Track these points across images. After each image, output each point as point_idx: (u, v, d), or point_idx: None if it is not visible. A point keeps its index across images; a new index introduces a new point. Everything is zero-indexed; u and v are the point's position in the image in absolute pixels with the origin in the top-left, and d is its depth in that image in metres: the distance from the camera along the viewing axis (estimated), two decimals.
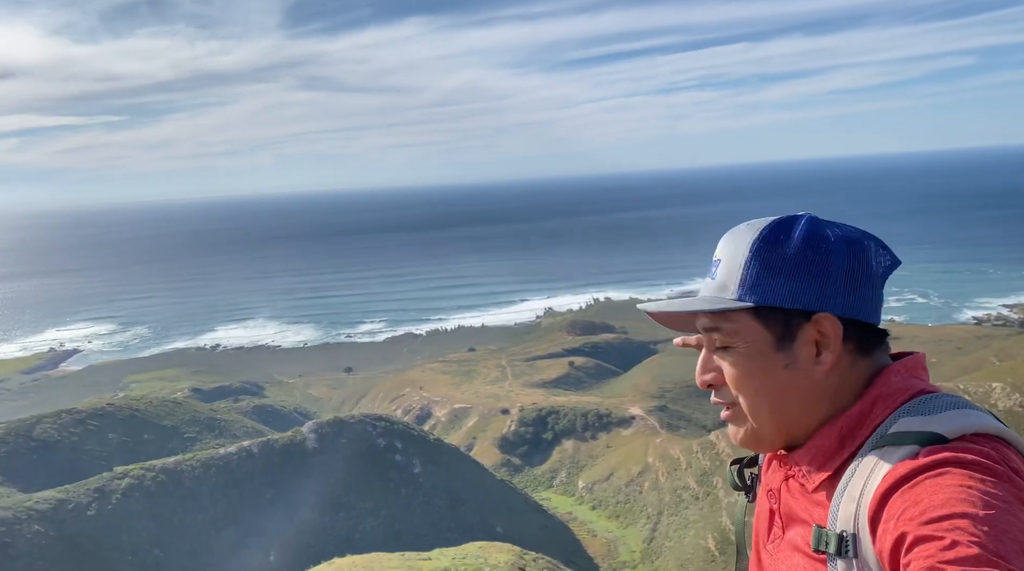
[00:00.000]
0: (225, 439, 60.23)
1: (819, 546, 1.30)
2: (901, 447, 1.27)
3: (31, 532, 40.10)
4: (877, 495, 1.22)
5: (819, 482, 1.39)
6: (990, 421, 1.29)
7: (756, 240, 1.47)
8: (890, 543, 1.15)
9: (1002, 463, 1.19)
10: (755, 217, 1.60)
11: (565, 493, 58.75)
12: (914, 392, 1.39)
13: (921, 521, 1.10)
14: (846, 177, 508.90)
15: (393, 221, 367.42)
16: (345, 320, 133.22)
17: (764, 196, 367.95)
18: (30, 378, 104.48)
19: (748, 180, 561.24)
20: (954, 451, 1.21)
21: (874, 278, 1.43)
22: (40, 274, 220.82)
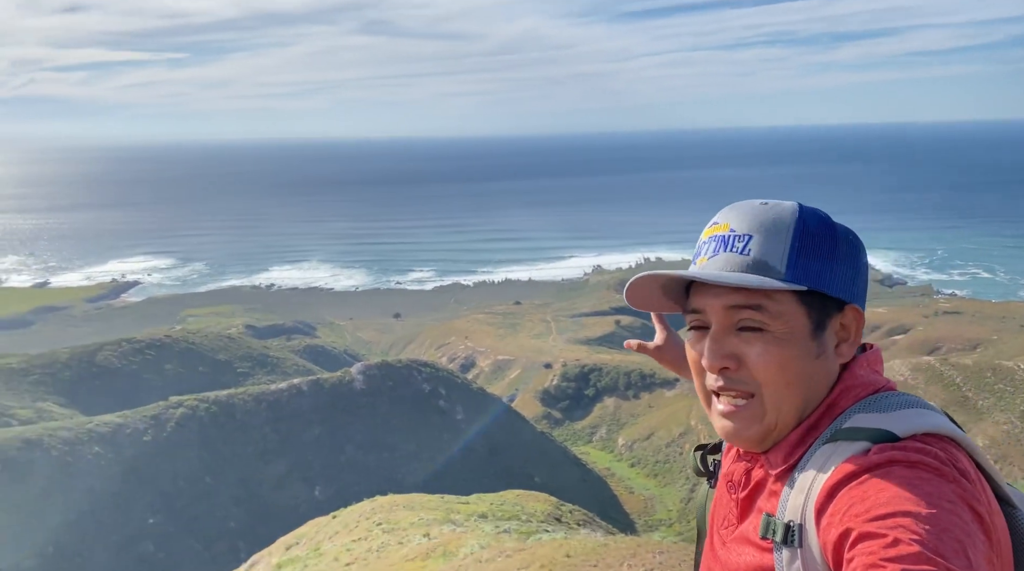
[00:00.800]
0: (276, 376, 61.99)
1: (766, 534, 1.31)
2: (854, 443, 1.27)
3: (91, 453, 42.13)
4: (825, 488, 1.23)
5: (780, 471, 1.39)
6: (942, 422, 1.30)
7: (800, 221, 1.39)
8: (834, 537, 1.17)
9: (949, 464, 1.20)
10: (818, 183, 1.52)
11: (604, 449, 59.19)
12: (876, 387, 1.39)
13: (866, 518, 1.12)
14: (918, 145, 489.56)
15: (446, 170, 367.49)
16: (395, 267, 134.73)
17: (829, 159, 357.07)
18: (93, 306, 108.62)
19: (813, 143, 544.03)
20: (903, 450, 1.22)
21: (862, 267, 1.43)
22: (103, 206, 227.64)
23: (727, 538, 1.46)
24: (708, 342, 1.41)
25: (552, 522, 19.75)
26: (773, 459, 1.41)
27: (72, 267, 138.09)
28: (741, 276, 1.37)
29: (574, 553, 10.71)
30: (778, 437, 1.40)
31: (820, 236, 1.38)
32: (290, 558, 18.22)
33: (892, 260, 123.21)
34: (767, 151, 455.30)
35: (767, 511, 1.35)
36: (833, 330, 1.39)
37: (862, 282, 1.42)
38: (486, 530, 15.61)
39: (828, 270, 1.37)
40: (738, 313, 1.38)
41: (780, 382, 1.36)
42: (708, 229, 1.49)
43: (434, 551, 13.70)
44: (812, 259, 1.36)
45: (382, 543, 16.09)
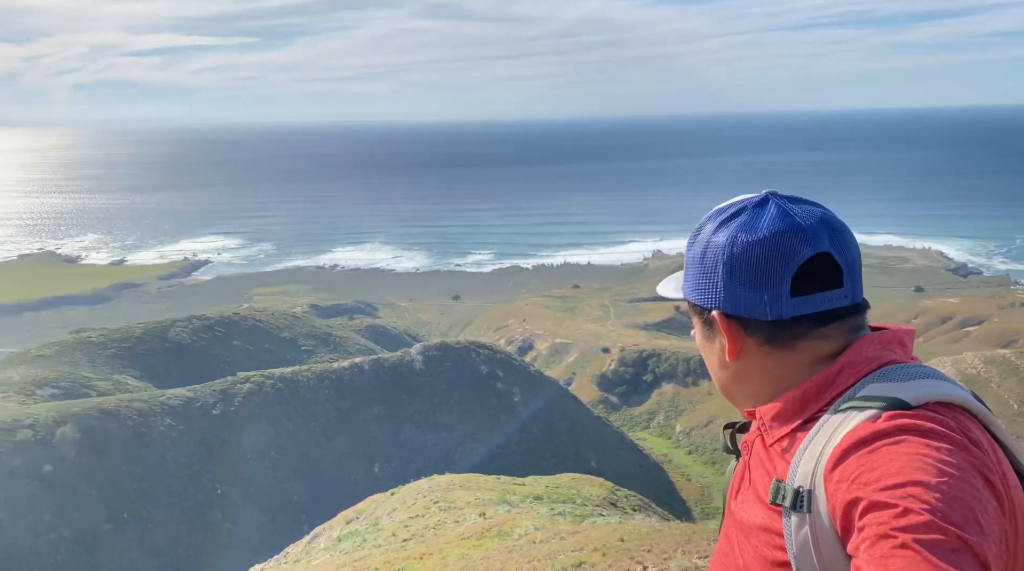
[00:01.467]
0: (339, 354, 63.38)
1: (776, 499, 1.35)
2: (865, 410, 1.30)
3: (164, 425, 43.91)
4: (835, 454, 1.26)
5: (777, 437, 1.46)
6: (957, 391, 1.31)
7: (690, 236, 1.62)
8: (843, 503, 1.19)
9: (960, 432, 1.22)
10: (889, 169, 1.55)
11: (662, 435, 58.82)
12: (883, 362, 1.42)
13: (877, 487, 1.14)
14: (997, 129, 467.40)
15: (508, 154, 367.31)
16: (455, 249, 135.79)
17: (902, 145, 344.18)
18: (166, 284, 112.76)
19: (886, 126, 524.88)
20: (914, 418, 1.24)
21: (759, 277, 1.46)
22: (176, 187, 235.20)
23: (742, 500, 1.52)
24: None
25: (607, 506, 19.80)
26: (768, 423, 1.50)
27: (147, 246, 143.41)
28: (666, 286, 1.75)
29: (628, 537, 10.76)
30: (740, 404, 1.62)
31: (692, 252, 1.60)
32: (350, 532, 18.74)
33: (967, 249, 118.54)
34: (837, 135, 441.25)
35: (777, 476, 1.39)
36: (719, 331, 1.57)
37: (725, 288, 1.51)
38: (541, 512, 15.77)
39: (695, 282, 1.59)
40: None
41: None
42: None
43: (489, 531, 13.92)
44: (688, 273, 1.62)
45: (439, 521, 16.41)
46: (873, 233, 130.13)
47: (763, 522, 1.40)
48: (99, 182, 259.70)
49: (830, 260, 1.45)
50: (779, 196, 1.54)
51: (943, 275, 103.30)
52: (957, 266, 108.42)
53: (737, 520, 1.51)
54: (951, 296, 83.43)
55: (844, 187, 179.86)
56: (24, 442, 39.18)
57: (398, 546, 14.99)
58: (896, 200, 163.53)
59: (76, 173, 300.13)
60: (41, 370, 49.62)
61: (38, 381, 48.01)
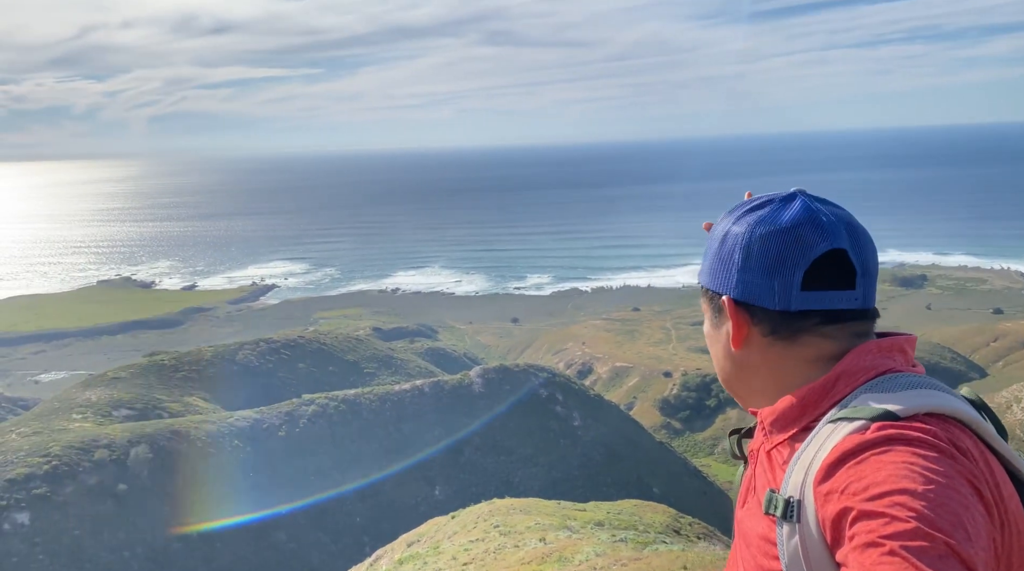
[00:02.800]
0: (400, 376, 64.07)
1: (768, 509, 1.37)
2: (853, 421, 1.31)
3: (232, 446, 44.99)
4: (824, 466, 1.27)
5: (776, 443, 1.49)
6: (949, 402, 1.31)
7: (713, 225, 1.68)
8: (832, 515, 1.20)
9: (947, 442, 1.22)
10: (962, 187, 1.55)
11: (726, 462, 57.46)
12: (880, 371, 1.41)
13: (864, 497, 1.16)
14: None
15: (566, 177, 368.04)
16: (513, 272, 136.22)
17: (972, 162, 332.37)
18: (234, 308, 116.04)
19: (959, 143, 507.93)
20: (901, 428, 1.24)
21: (772, 267, 1.47)
22: (244, 214, 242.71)
23: (748, 508, 1.55)
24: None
25: (670, 534, 19.41)
26: (771, 427, 1.54)
27: (216, 271, 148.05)
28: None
29: (691, 566, 10.53)
30: (743, 403, 1.67)
31: (712, 238, 1.65)
32: (411, 555, 18.81)
33: None
34: (906, 153, 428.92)
35: (771, 486, 1.42)
36: (727, 318, 1.60)
37: (738, 274, 1.53)
38: (602, 538, 15.56)
39: (710, 267, 1.64)
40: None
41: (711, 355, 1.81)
42: None
43: (550, 556, 13.79)
44: (705, 259, 1.68)
45: (499, 545, 16.34)
46: (947, 253, 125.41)
47: (763, 531, 1.42)
48: (172, 210, 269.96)
49: (845, 259, 1.46)
50: (807, 194, 1.59)
51: (1014, 297, 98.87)
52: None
53: (742, 530, 1.53)
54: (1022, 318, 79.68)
55: (915, 207, 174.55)
56: (100, 461, 40.64)
57: (458, 570, 14.97)
58: (971, 219, 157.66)
59: (150, 202, 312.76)
60: (117, 392, 51.52)
61: (114, 402, 49.85)
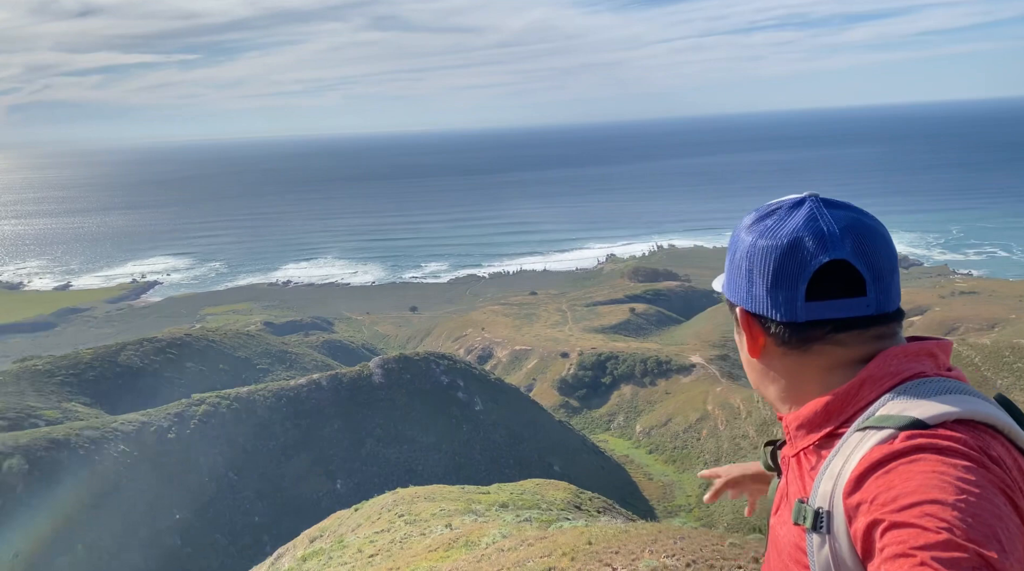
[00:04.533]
0: (296, 371, 62.56)
1: (798, 519, 1.36)
2: (881, 430, 1.28)
3: (117, 451, 42.78)
4: (852, 477, 1.25)
5: (801, 448, 1.49)
6: (980, 407, 1.29)
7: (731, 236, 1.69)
8: (863, 526, 1.19)
9: (978, 450, 1.20)
10: (831, 167, 1.72)
11: (622, 436, 59.33)
12: (907, 376, 1.38)
13: (894, 508, 1.13)
14: (932, 124, 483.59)
15: (458, 164, 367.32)
16: (410, 261, 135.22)
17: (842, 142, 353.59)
18: (114, 307, 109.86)
19: (826, 126, 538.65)
20: (930, 437, 1.22)
21: (774, 279, 1.49)
22: (120, 209, 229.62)
23: (781, 516, 1.53)
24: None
25: (572, 510, 19.95)
26: (795, 433, 1.53)
27: (92, 269, 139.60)
28: (721, 281, 1.77)
29: (595, 540, 10.89)
30: (775, 408, 1.65)
31: (731, 249, 1.64)
32: (314, 551, 18.54)
33: (907, 241, 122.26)
34: (779, 136, 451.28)
35: (800, 496, 1.41)
36: (744, 329, 1.62)
37: (748, 287, 1.56)
38: (507, 519, 15.83)
39: (727, 278, 1.65)
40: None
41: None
42: None
43: (456, 541, 13.93)
44: (726, 270, 1.67)
45: (405, 534, 16.35)
46: None
47: (794, 539, 1.41)
48: (39, 206, 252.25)
49: (849, 268, 1.44)
50: (817, 199, 1.57)
51: None
52: (899, 258, 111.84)
53: (774, 536, 1.53)
54: None
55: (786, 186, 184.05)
56: None
57: (364, 562, 14.90)
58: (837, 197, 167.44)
59: (13, 197, 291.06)
60: None
61: None
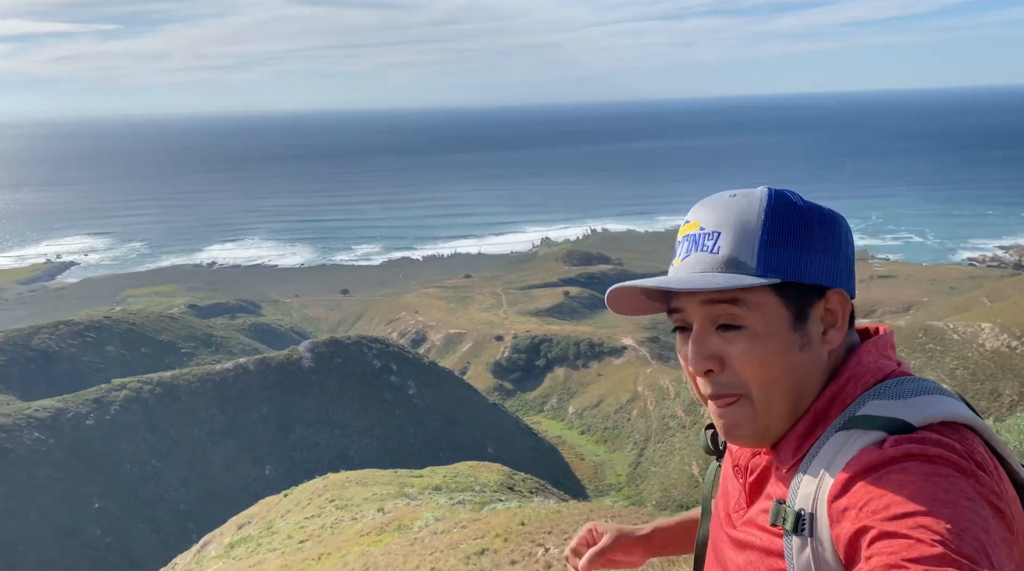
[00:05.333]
0: (221, 355, 60.95)
1: (776, 521, 1.27)
2: (868, 432, 1.22)
3: (31, 439, 40.97)
4: (840, 481, 1.19)
5: (791, 464, 1.33)
6: (959, 409, 1.25)
7: (768, 211, 1.32)
8: (850, 532, 1.14)
9: (967, 457, 1.17)
10: (757, 153, 1.53)
11: (555, 418, 59.98)
12: (885, 373, 1.33)
13: (885, 516, 1.09)
14: (854, 112, 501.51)
15: (390, 143, 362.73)
16: (341, 243, 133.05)
17: (770, 130, 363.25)
18: (27, 289, 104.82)
19: (754, 112, 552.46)
20: (920, 443, 1.17)
21: (851, 258, 1.36)
22: (32, 185, 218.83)
23: (737, 520, 1.43)
24: (691, 344, 1.35)
25: (505, 491, 20.02)
26: (783, 455, 1.35)
27: (2, 249, 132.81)
28: (710, 277, 1.30)
29: (528, 521, 10.91)
30: (777, 433, 1.36)
31: (791, 223, 1.32)
32: (242, 537, 18.12)
33: None
34: (710, 122, 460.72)
35: (777, 497, 1.31)
36: (817, 317, 1.32)
37: (844, 262, 1.34)
38: (440, 502, 15.76)
39: (802, 257, 1.30)
40: (715, 310, 1.32)
41: (766, 380, 1.31)
42: (681, 228, 1.41)
43: (389, 525, 13.79)
44: (784, 248, 1.30)
45: (336, 519, 16.12)
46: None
47: (765, 544, 1.32)
48: None
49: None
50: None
51: None
52: None
53: (731, 537, 1.43)
54: None
55: (714, 172, 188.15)
56: None
57: (294, 548, 14.62)
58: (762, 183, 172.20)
59: None
60: None
61: None
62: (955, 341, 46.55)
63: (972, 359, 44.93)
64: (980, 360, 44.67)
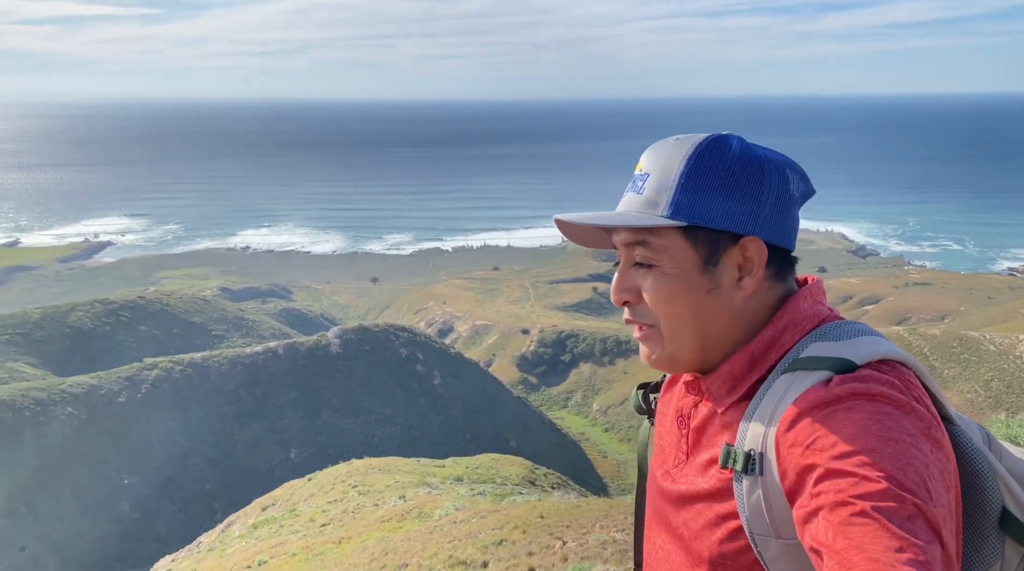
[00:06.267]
0: (252, 339, 61.75)
1: (726, 463, 1.29)
2: (814, 372, 1.26)
3: (64, 414, 41.86)
4: (788, 418, 1.23)
5: (728, 404, 1.38)
6: (894, 348, 1.31)
7: (691, 156, 1.36)
8: (797, 468, 1.18)
9: (906, 392, 1.22)
10: (794, 154, 1.52)
11: (579, 414, 59.87)
12: (821, 318, 1.38)
13: (832, 455, 1.14)
14: (898, 116, 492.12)
15: (425, 134, 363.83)
16: (372, 231, 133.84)
17: (808, 131, 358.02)
18: (65, 267, 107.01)
19: (793, 112, 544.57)
20: (863, 381, 1.22)
21: (794, 204, 1.38)
22: (74, 165, 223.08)
23: (676, 473, 1.45)
24: (614, 277, 1.45)
25: (526, 485, 20.04)
26: (716, 392, 1.40)
27: (43, 227, 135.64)
28: (622, 216, 1.39)
29: (548, 514, 10.92)
30: (688, 363, 1.42)
31: (710, 168, 1.34)
32: (266, 519, 18.37)
33: (866, 231, 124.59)
34: (747, 120, 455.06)
35: (726, 441, 1.34)
36: (731, 264, 1.36)
37: (769, 212, 1.35)
38: (461, 492, 15.83)
39: (714, 203, 1.34)
40: (632, 250, 1.40)
41: (671, 315, 1.38)
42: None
43: (409, 512, 13.88)
44: (696, 193, 1.34)
45: (358, 505, 16.26)
46: None
47: (711, 489, 1.35)
48: None
49: (806, 197, 1.43)
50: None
51: (844, 256, 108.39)
52: (857, 248, 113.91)
53: (671, 491, 1.44)
54: (851, 276, 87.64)
55: None
56: None
57: (316, 531, 14.78)
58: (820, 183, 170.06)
59: None
60: None
61: None
62: (991, 352, 45.55)
63: (1008, 371, 43.94)
64: (1017, 372, 43.66)
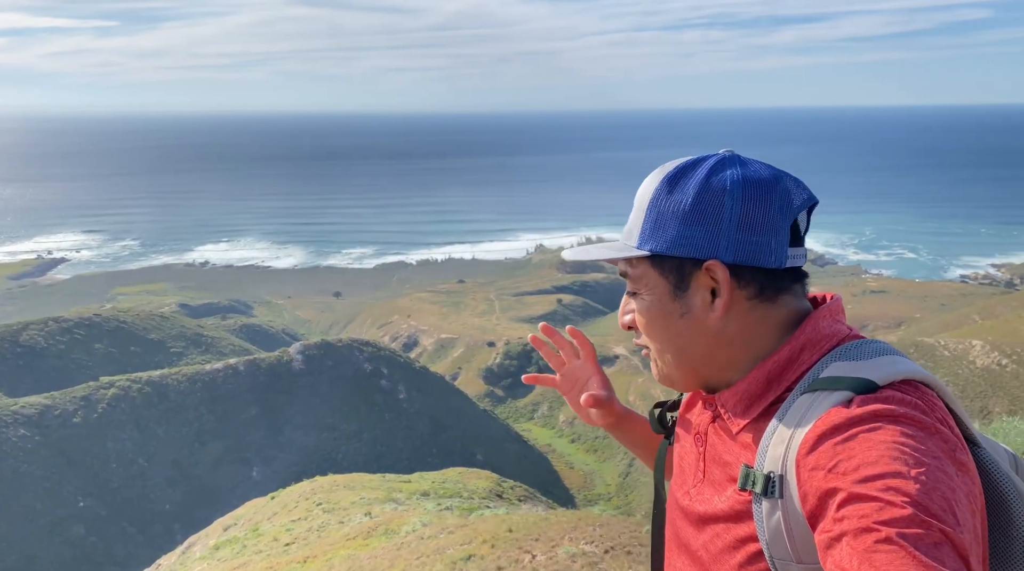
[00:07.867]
0: (211, 356, 60.62)
1: (745, 485, 1.27)
2: (834, 392, 1.23)
3: (16, 436, 40.61)
4: (809, 440, 1.19)
5: (743, 425, 1.36)
6: (916, 367, 1.29)
7: (659, 186, 1.40)
8: (819, 491, 1.14)
9: (930, 413, 1.19)
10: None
11: (545, 426, 59.84)
12: (841, 337, 1.36)
13: (855, 478, 1.10)
14: (850, 127, 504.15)
15: (388, 147, 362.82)
16: (334, 245, 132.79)
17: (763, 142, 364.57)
18: (16, 284, 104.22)
19: (750, 124, 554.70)
20: (885, 402, 1.19)
21: (770, 221, 1.33)
22: (26, 180, 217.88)
23: (696, 493, 1.42)
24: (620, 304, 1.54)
25: (494, 498, 19.90)
26: (732, 409, 1.39)
27: None
28: (594, 248, 1.49)
29: (516, 528, 10.82)
30: (684, 385, 1.47)
31: (674, 195, 1.37)
32: (228, 539, 17.96)
33: (824, 241, 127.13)
34: (708, 133, 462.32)
35: (744, 462, 1.31)
36: (702, 287, 1.36)
37: (733, 234, 1.33)
38: (428, 508, 15.64)
39: (676, 231, 1.36)
40: (626, 278, 1.47)
41: (654, 340, 1.44)
42: None
43: (376, 529, 13.67)
44: (659, 222, 1.37)
45: (322, 523, 15.99)
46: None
47: (728, 510, 1.32)
48: None
49: (809, 213, 1.40)
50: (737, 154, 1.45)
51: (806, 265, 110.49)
52: (816, 257, 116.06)
53: (690, 511, 1.41)
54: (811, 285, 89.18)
55: None
56: None
57: (280, 551, 14.48)
58: None
59: None
60: None
61: None
62: (945, 358, 46.65)
63: (962, 376, 45.02)
64: (971, 377, 44.76)
